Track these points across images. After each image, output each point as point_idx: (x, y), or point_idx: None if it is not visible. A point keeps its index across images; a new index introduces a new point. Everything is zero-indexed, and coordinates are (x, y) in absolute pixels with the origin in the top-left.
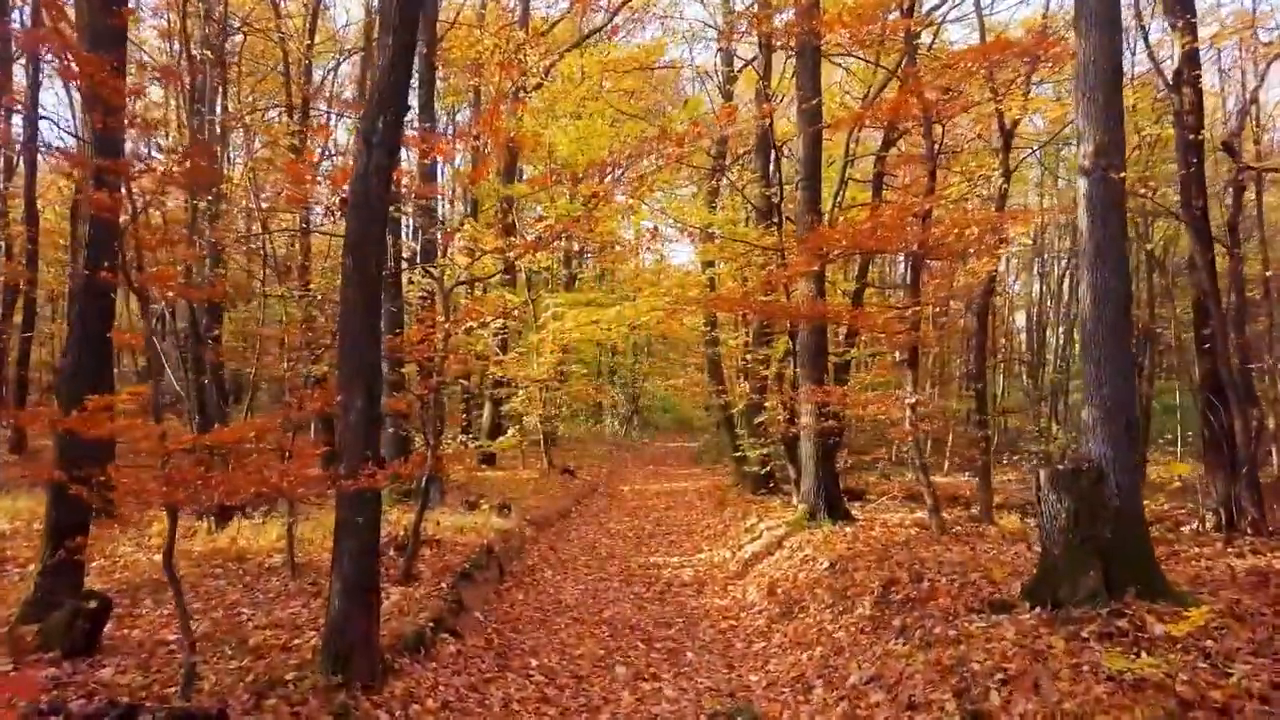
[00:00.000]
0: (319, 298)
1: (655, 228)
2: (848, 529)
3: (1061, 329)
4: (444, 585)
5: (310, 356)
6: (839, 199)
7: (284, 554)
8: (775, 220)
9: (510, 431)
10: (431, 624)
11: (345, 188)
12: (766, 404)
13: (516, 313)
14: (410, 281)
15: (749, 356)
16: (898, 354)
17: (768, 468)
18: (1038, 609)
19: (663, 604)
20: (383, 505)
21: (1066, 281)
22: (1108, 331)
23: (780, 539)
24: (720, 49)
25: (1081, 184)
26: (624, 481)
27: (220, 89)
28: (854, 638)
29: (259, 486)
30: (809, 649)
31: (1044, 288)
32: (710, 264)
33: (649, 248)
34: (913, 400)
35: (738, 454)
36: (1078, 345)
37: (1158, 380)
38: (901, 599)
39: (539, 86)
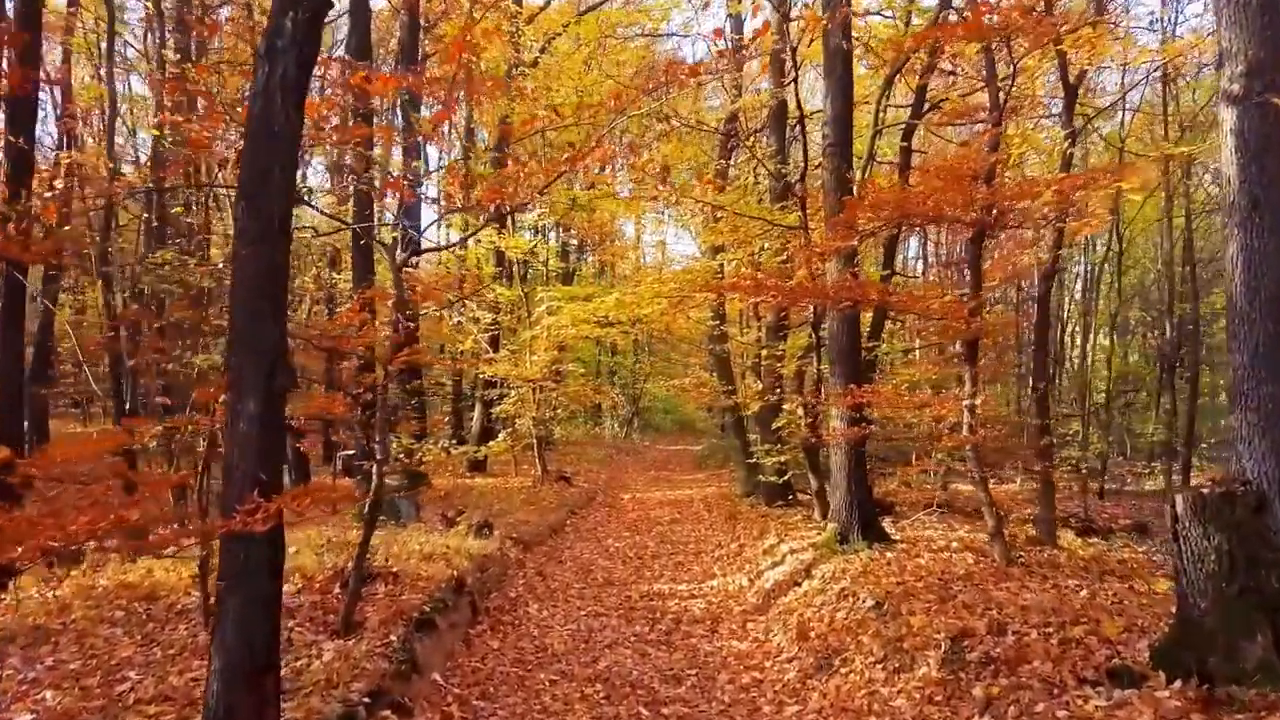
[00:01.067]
0: (220, 266)
1: (666, 169)
2: (889, 554)
3: (1088, 325)
4: (393, 637)
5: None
6: (866, 174)
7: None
8: (799, 194)
9: (501, 435)
10: (368, 697)
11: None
12: (785, 405)
13: (497, 297)
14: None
15: (763, 353)
16: (925, 348)
17: (786, 477)
18: (1178, 682)
19: (670, 649)
20: (352, 524)
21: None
22: (1267, 310)
23: (808, 565)
24: (730, 15)
25: (1228, 116)
26: (624, 488)
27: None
28: (919, 709)
29: (51, 537)
30: (859, 719)
31: (1060, 282)
32: (719, 249)
33: (657, 197)
34: (973, 402)
35: (750, 460)
36: (1088, 342)
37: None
38: (980, 658)
39: (535, 64)
